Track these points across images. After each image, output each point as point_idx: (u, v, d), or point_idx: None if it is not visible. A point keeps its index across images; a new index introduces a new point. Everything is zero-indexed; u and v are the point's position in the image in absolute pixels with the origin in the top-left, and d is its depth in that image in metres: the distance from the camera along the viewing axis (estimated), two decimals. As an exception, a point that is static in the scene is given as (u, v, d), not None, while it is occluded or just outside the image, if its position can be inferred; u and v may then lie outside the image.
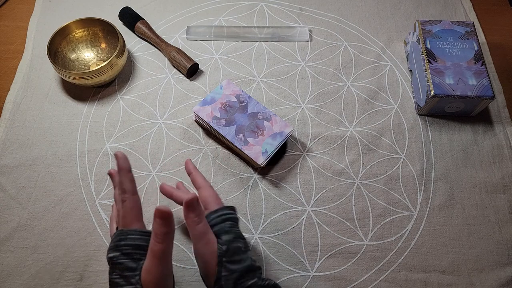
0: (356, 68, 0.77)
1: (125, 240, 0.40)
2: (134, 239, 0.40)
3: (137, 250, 0.40)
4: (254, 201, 0.63)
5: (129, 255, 0.39)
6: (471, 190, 0.65)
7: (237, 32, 0.80)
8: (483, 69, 0.68)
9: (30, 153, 0.66)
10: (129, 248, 0.40)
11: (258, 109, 0.67)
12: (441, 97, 0.66)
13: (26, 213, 0.61)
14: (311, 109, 0.72)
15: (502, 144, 0.69)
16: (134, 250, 0.40)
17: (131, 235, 0.40)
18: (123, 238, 0.40)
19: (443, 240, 0.61)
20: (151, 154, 0.67)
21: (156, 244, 0.37)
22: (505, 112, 0.73)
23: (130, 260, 0.39)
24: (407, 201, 0.64)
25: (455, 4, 0.87)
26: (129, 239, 0.40)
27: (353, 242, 0.60)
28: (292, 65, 0.77)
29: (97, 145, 0.67)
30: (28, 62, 0.76)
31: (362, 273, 0.58)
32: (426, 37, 0.72)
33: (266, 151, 0.63)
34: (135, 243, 0.40)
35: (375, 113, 0.72)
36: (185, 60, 0.73)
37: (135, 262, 0.39)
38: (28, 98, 0.72)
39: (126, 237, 0.40)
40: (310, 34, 0.81)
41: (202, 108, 0.66)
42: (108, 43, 0.76)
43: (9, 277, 0.56)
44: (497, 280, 0.58)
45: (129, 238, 0.40)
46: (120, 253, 0.39)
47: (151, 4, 0.85)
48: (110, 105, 0.72)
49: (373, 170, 0.66)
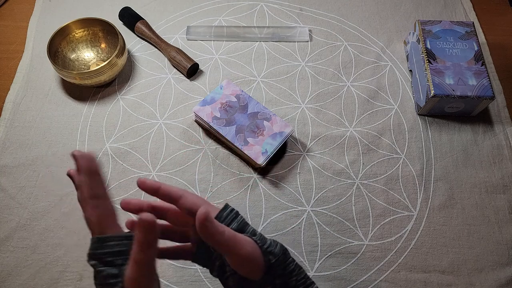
0: (356, 68, 0.77)
1: (103, 248, 0.37)
2: (112, 246, 0.38)
3: (118, 257, 0.37)
4: (254, 201, 0.63)
5: (110, 263, 0.37)
6: (471, 190, 0.65)
7: (237, 32, 0.80)
8: (483, 69, 0.68)
9: (30, 153, 0.66)
10: (109, 255, 0.37)
11: (258, 109, 0.67)
12: (441, 97, 0.66)
13: (26, 213, 0.61)
14: (311, 109, 0.72)
15: (502, 144, 0.69)
16: (114, 257, 0.37)
17: (109, 242, 0.38)
18: (99, 246, 0.38)
19: (443, 240, 0.61)
20: (151, 154, 0.67)
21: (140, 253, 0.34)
22: (505, 112, 0.73)
23: (111, 267, 0.37)
24: (407, 201, 0.64)
25: (455, 4, 0.87)
26: (107, 246, 0.37)
27: (353, 242, 0.60)
28: (292, 65, 0.77)
29: (97, 145, 0.67)
30: (28, 62, 0.76)
31: (362, 273, 0.58)
32: (426, 37, 0.72)
33: (266, 151, 0.63)
34: (114, 250, 0.38)
35: (375, 113, 0.72)
36: (185, 60, 0.73)
37: (117, 268, 0.37)
38: (28, 98, 0.72)
39: (103, 244, 0.38)
40: (310, 34, 0.81)
41: (202, 108, 0.66)
42: (108, 43, 0.76)
43: (9, 277, 0.56)
44: (497, 280, 0.58)
45: (108, 245, 0.37)
46: (98, 261, 0.37)
47: (151, 4, 0.85)
48: (110, 105, 0.72)
49: (373, 170, 0.66)
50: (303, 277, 0.42)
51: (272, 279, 0.40)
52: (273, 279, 0.39)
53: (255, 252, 0.38)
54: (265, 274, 0.39)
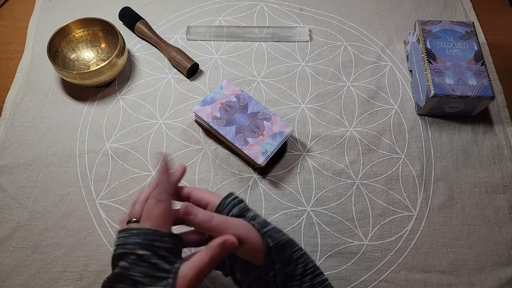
0: (356, 68, 0.77)
1: (161, 242, 0.39)
2: (169, 243, 0.39)
3: (170, 254, 0.39)
4: (254, 201, 0.63)
5: (164, 258, 0.38)
6: (471, 190, 0.65)
7: (237, 32, 0.80)
8: (483, 69, 0.68)
9: (30, 153, 0.66)
10: (165, 251, 0.39)
11: (258, 109, 0.67)
12: (441, 97, 0.66)
13: (26, 213, 0.61)
14: (311, 109, 0.72)
15: (502, 144, 0.69)
16: (168, 254, 0.39)
17: (167, 238, 0.40)
18: (158, 239, 0.39)
19: (443, 240, 0.61)
20: (151, 154, 0.67)
21: (208, 262, 0.38)
22: (505, 112, 0.73)
23: (165, 262, 0.38)
24: (407, 201, 0.64)
25: (455, 4, 0.87)
26: (165, 241, 0.39)
27: (353, 242, 0.60)
28: (292, 65, 0.77)
29: (97, 145, 0.67)
30: (28, 62, 0.76)
31: (362, 273, 0.58)
32: (426, 37, 0.72)
33: (266, 151, 0.63)
34: (170, 246, 0.39)
35: (375, 113, 0.72)
36: (185, 60, 0.73)
37: (170, 265, 0.38)
38: (28, 98, 0.72)
39: (162, 239, 0.39)
40: (310, 34, 0.81)
41: (202, 108, 0.66)
42: (108, 43, 0.76)
43: (8, 277, 0.56)
44: (497, 280, 0.58)
45: (165, 241, 0.39)
46: (152, 253, 0.38)
47: (151, 4, 0.85)
48: (110, 105, 0.72)
49: (373, 170, 0.66)
50: (312, 266, 0.42)
51: (272, 264, 0.40)
52: (273, 264, 0.40)
53: (249, 234, 0.40)
54: (265, 259, 0.40)
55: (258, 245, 0.40)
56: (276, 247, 0.40)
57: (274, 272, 0.40)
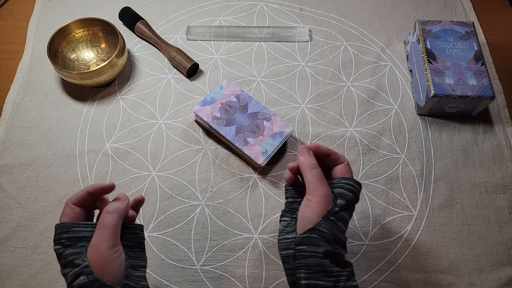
0: (356, 68, 0.77)
1: (67, 233, 0.41)
2: (79, 231, 0.41)
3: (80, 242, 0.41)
4: (254, 201, 0.63)
5: (71, 246, 0.40)
6: (471, 190, 0.65)
7: (237, 32, 0.80)
8: (483, 69, 0.68)
9: (30, 153, 0.66)
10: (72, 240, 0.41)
11: (258, 109, 0.67)
12: (441, 97, 0.66)
13: (26, 213, 0.61)
14: (311, 109, 0.72)
15: (502, 144, 0.69)
16: (76, 242, 0.41)
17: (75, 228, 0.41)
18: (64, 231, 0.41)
19: (443, 240, 0.61)
20: (151, 154, 0.67)
21: (106, 216, 0.40)
22: (505, 112, 0.73)
23: (73, 248, 0.40)
24: (407, 201, 0.64)
25: (455, 4, 0.87)
26: (72, 231, 0.41)
27: (353, 242, 0.60)
28: (292, 65, 0.77)
29: (97, 145, 0.67)
30: (28, 62, 0.76)
31: (362, 273, 0.58)
32: (426, 37, 0.72)
33: (266, 151, 0.63)
34: (80, 235, 0.41)
35: (375, 113, 0.72)
36: (185, 60, 0.73)
37: (79, 249, 0.40)
38: (28, 98, 0.72)
39: (69, 229, 0.41)
40: (310, 34, 0.81)
41: (202, 108, 0.66)
42: (108, 43, 0.76)
43: (9, 277, 0.56)
44: (497, 280, 0.58)
45: (73, 230, 0.41)
46: (61, 246, 0.40)
47: (151, 4, 0.85)
48: (110, 105, 0.72)
49: (373, 170, 0.66)
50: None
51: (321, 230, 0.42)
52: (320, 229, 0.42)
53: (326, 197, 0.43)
54: (321, 219, 0.42)
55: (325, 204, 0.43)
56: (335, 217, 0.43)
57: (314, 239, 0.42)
